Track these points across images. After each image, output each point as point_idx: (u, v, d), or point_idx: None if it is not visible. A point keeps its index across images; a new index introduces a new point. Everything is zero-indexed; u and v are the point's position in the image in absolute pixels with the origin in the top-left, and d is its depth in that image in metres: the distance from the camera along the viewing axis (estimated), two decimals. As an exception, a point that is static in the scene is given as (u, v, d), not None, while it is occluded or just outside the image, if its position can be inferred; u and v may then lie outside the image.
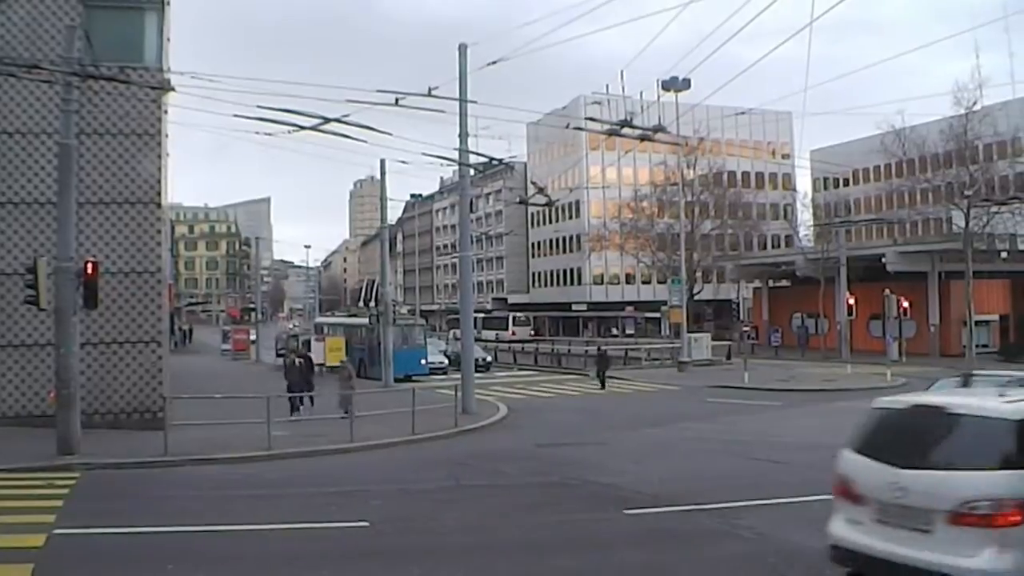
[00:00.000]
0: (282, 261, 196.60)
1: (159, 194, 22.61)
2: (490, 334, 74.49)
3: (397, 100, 18.36)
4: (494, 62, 22.40)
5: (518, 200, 62.97)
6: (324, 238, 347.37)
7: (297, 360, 26.44)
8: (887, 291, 39.12)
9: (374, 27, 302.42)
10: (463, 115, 25.76)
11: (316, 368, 41.13)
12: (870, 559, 7.65)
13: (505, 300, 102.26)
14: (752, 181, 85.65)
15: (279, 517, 12.46)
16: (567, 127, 29.79)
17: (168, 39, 23.29)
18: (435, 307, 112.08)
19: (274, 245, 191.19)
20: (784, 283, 67.15)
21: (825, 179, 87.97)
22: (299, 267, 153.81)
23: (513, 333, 77.76)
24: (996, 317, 51.13)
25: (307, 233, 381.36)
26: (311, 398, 25.03)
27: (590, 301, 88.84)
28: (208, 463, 17.67)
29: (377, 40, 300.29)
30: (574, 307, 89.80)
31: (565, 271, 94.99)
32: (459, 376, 28.15)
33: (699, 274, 64.86)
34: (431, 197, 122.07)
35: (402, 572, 9.95)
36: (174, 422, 19.36)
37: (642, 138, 20.67)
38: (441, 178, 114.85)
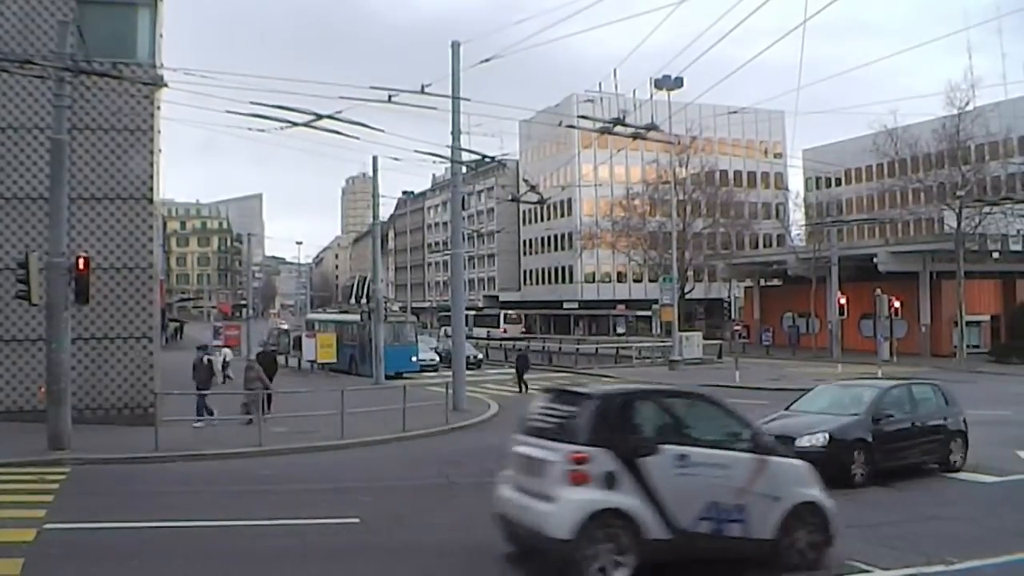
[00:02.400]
0: (274, 257, 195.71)
1: (151, 190, 22.59)
2: (481, 332, 74.69)
3: (390, 97, 18.40)
4: (487, 60, 22.41)
5: (510, 198, 63.07)
6: (316, 234, 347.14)
7: (206, 358, 23.90)
8: (878, 291, 39.26)
9: (368, 24, 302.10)
10: (455, 112, 25.77)
11: (310, 365, 41.64)
12: None
13: (496, 298, 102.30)
14: (744, 180, 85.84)
15: (269, 513, 12.49)
16: (559, 125, 29.66)
17: (161, 35, 23.23)
18: (426, 304, 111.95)
19: (266, 241, 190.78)
20: (775, 282, 67.33)
21: (817, 178, 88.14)
22: (291, 263, 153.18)
23: (504, 331, 78.01)
24: (987, 317, 51.28)
25: (299, 229, 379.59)
26: (205, 403, 22.16)
27: (581, 299, 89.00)
28: (199, 459, 17.67)
29: (370, 37, 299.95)
30: (565, 305, 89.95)
31: (557, 269, 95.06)
32: (450, 373, 28.15)
33: (690, 273, 65.06)
34: (423, 194, 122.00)
35: (392, 568, 10.02)
36: (165, 418, 19.35)
37: (634, 136, 20.72)
38: (433, 175, 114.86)
